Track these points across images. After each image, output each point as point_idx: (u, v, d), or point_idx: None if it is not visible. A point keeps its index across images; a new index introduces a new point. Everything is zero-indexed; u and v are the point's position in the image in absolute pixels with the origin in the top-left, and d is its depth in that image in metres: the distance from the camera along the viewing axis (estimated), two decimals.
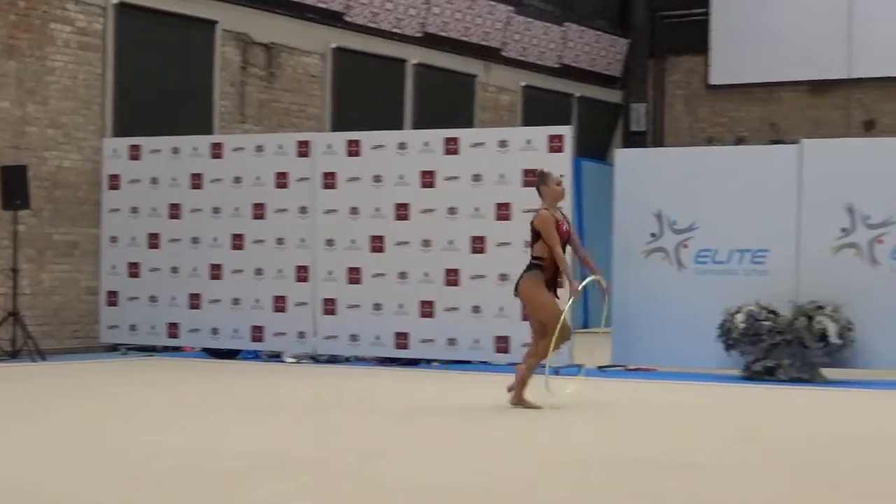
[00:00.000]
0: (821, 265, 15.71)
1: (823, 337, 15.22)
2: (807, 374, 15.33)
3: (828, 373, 15.42)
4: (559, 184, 12.30)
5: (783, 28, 26.44)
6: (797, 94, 26.75)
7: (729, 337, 15.71)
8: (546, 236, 11.92)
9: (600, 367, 16.48)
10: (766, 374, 15.44)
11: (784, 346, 15.41)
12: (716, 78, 27.58)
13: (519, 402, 12.12)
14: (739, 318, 15.62)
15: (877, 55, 25.60)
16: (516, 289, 12.28)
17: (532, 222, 12.15)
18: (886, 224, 15.53)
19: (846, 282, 15.56)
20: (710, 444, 10.12)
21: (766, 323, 15.50)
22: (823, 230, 15.78)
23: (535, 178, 12.56)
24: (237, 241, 17.62)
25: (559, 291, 12.27)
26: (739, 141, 26.41)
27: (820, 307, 15.42)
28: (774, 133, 26.41)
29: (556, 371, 15.87)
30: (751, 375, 15.51)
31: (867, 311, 15.44)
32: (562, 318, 11.92)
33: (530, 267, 12.16)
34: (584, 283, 12.10)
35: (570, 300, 12.17)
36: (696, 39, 27.60)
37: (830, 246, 15.74)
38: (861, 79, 25.90)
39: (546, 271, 12.05)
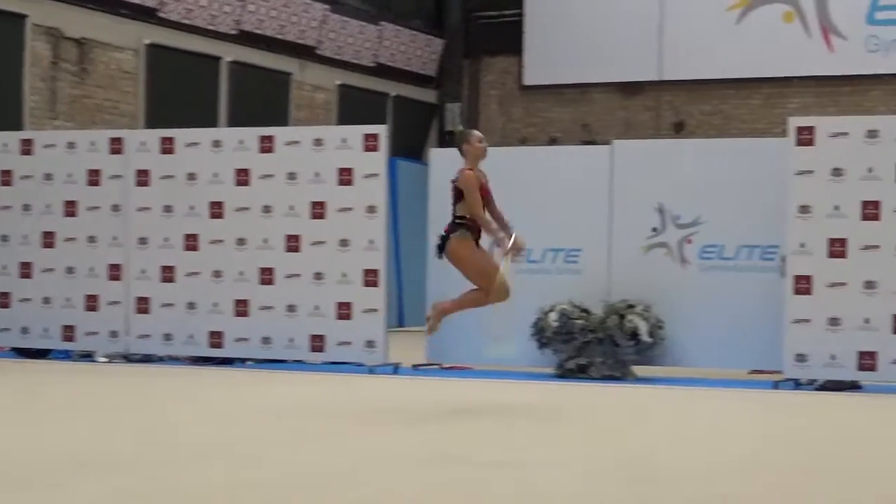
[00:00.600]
0: (632, 264, 15.99)
1: (634, 335, 15.48)
2: (618, 372, 15.58)
3: (639, 370, 15.70)
4: (481, 141, 12.19)
5: (595, 30, 26.83)
6: (609, 96, 27.16)
7: (542, 335, 15.89)
8: (468, 197, 11.83)
9: (415, 366, 16.53)
10: (578, 372, 15.65)
11: (596, 345, 15.64)
12: (529, 79, 27.86)
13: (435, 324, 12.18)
14: (553, 316, 15.80)
15: (686, 57, 26.13)
16: (442, 250, 12.04)
17: (454, 181, 12.04)
18: (695, 224, 15.86)
19: (657, 281, 15.86)
20: (519, 441, 10.22)
21: (579, 321, 15.71)
22: (634, 230, 16.06)
23: (453, 139, 12.37)
24: (48, 239, 17.29)
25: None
26: (552, 141, 26.72)
27: (631, 306, 15.69)
28: (586, 134, 26.78)
29: (371, 370, 15.92)
30: (564, 373, 15.71)
31: (677, 310, 15.76)
32: (499, 276, 11.78)
33: (455, 227, 11.99)
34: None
35: (505, 259, 11.97)
36: (510, 40, 27.85)
37: (641, 245, 16.03)
38: (671, 81, 26.41)
39: (473, 230, 11.93)
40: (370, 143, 16.28)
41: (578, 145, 24.40)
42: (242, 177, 16.64)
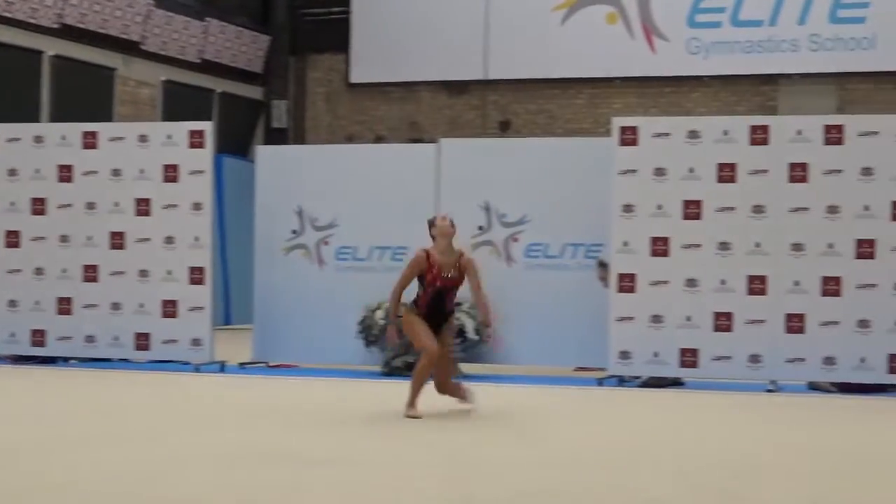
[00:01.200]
0: None
1: (461, 333, 15.57)
2: None
3: (465, 368, 15.78)
4: (444, 219, 11.92)
5: (422, 28, 26.90)
6: (435, 94, 27.27)
7: (369, 333, 15.91)
8: (401, 274, 11.78)
9: (241, 364, 16.43)
10: (405, 370, 15.65)
11: None
12: (356, 76, 27.84)
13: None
14: (379, 314, 15.82)
15: (512, 57, 26.34)
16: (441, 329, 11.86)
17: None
18: (521, 222, 16.03)
19: (483, 278, 15.92)
20: (344, 439, 10.23)
21: None
22: (461, 228, 16.05)
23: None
24: None
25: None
26: (379, 139, 26.75)
27: (458, 304, 15.75)
28: (413, 132, 26.86)
29: (197, 368, 15.77)
30: (390, 371, 15.73)
31: (503, 308, 15.86)
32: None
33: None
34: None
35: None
36: (337, 38, 27.79)
37: (468, 243, 16.12)
38: (497, 80, 26.61)
39: (420, 306, 11.76)
40: (196, 140, 16.14)
41: (405, 143, 24.49)
42: (65, 173, 16.37)
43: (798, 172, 14.51)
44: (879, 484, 8.45)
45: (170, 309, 16.05)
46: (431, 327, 11.67)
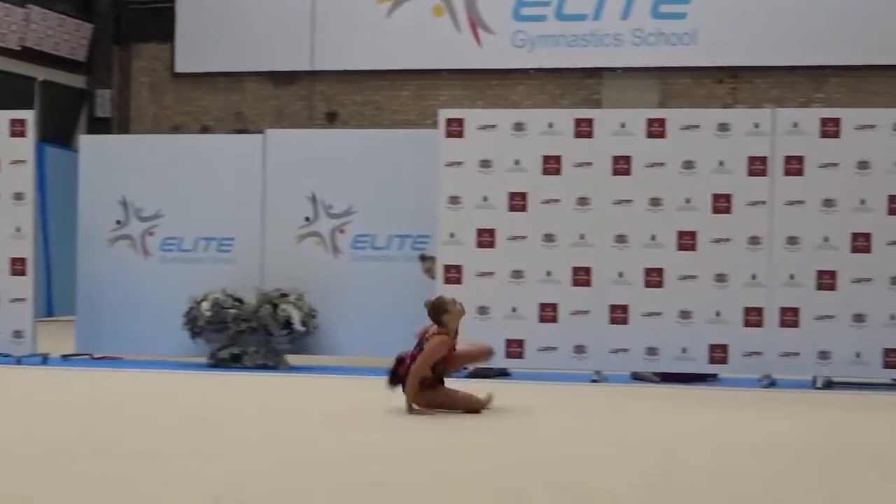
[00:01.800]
0: (285, 253, 16.06)
1: (288, 324, 15.54)
2: (272, 361, 15.61)
3: (292, 359, 15.76)
4: (455, 303, 11.74)
5: (248, 18, 26.67)
6: (261, 85, 27.09)
7: (195, 325, 15.79)
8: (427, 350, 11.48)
9: (64, 356, 16.16)
10: (232, 362, 15.61)
11: (249, 334, 15.65)
12: (181, 66, 27.51)
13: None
14: (205, 305, 15.71)
15: (339, 48, 26.28)
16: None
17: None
18: (348, 214, 16.04)
19: (310, 270, 15.97)
20: (163, 430, 10.15)
21: (232, 311, 15.67)
22: (287, 219, 16.13)
23: (430, 311, 11.71)
24: None
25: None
26: (205, 130, 26.50)
27: (284, 295, 15.75)
28: (239, 123, 26.66)
29: (18, 361, 15.49)
30: (217, 363, 15.64)
31: (330, 299, 15.90)
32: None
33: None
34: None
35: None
36: (162, 26, 27.43)
37: (295, 234, 16.11)
38: (324, 71, 26.53)
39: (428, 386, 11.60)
40: (17, 129, 15.85)
41: (231, 134, 24.31)
42: None
43: (621, 165, 14.74)
44: (696, 468, 8.64)
45: None
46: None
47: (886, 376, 14.47)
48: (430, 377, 11.51)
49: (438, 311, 11.57)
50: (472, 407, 11.45)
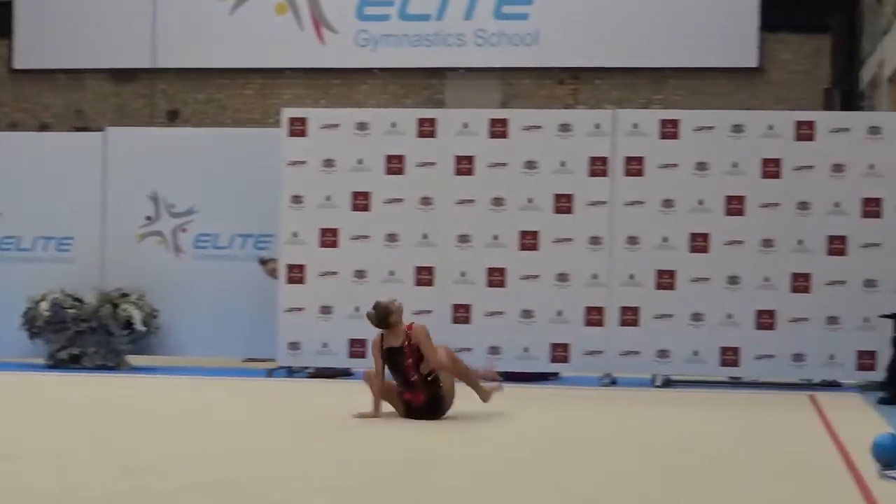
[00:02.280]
0: (126, 253, 15.90)
1: (129, 324, 15.38)
2: (112, 362, 15.44)
3: (133, 360, 15.59)
4: (392, 301, 11.37)
5: (88, 14, 26.26)
6: (102, 82, 26.70)
7: (33, 325, 15.55)
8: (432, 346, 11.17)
9: None
10: (71, 362, 15.40)
11: (89, 334, 15.45)
12: (20, 62, 26.98)
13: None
14: (44, 305, 15.48)
15: (181, 45, 26.01)
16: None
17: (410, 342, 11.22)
18: (190, 213, 15.91)
19: (151, 269, 15.82)
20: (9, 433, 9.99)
21: (71, 311, 15.46)
22: (129, 218, 15.97)
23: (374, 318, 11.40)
24: None
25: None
26: (44, 127, 26.04)
27: (125, 295, 15.57)
28: (80, 120, 26.25)
29: None
30: (56, 364, 15.42)
31: (172, 299, 15.77)
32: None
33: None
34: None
35: None
36: None
37: (136, 234, 15.95)
38: (165, 69, 26.24)
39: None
40: None
41: (71, 132, 23.93)
42: None
43: (464, 165, 14.83)
44: (537, 467, 8.72)
45: None
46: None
47: (723, 374, 14.75)
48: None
49: (384, 316, 11.31)
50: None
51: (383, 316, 11.29)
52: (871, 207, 14.37)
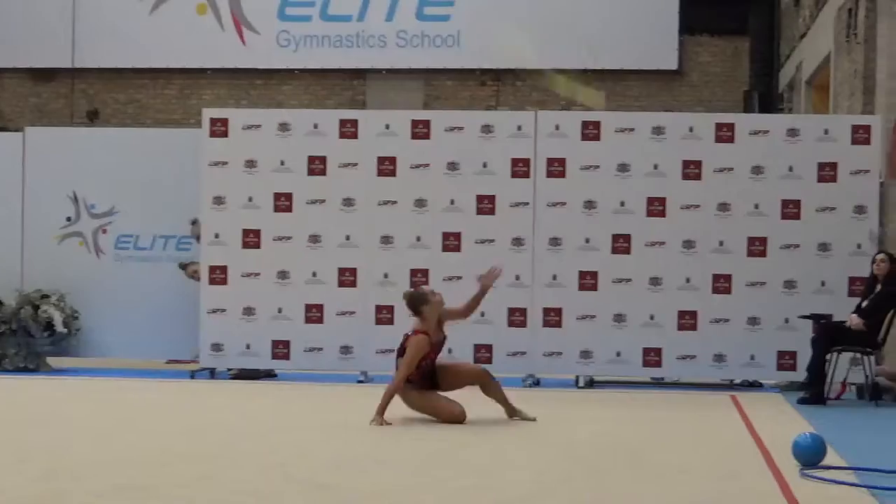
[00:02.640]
0: (46, 254, 15.76)
1: (49, 326, 15.24)
2: (33, 364, 15.29)
3: (54, 361, 15.45)
4: (434, 293, 11.35)
5: (7, 13, 26.02)
6: (20, 81, 26.46)
7: None
8: (405, 365, 11.05)
9: None
10: None
11: (9, 336, 15.31)
12: None
13: None
14: None
15: (101, 45, 25.81)
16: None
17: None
18: (110, 214, 15.80)
19: (72, 271, 15.70)
20: None
21: None
22: (48, 219, 15.83)
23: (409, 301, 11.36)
24: None
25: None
26: None
27: (46, 296, 15.42)
28: None
29: None
30: None
31: (93, 300, 15.65)
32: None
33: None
34: None
35: None
36: None
37: (55, 235, 15.81)
38: (85, 68, 26.03)
39: (415, 382, 11.21)
40: None
41: None
42: None
43: (387, 166, 14.82)
44: (464, 469, 8.73)
45: None
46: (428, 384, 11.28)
47: (646, 375, 14.85)
48: (418, 376, 11.18)
49: (417, 302, 11.30)
50: (452, 418, 11.09)
51: (418, 302, 11.29)
52: (790, 209, 14.51)
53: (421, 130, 14.88)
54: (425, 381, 11.29)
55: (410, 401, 11.27)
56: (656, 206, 14.62)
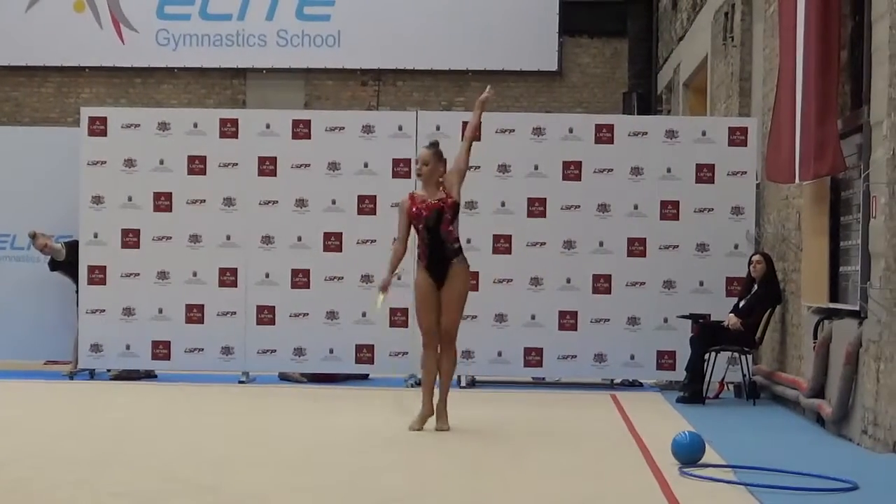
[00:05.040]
0: None
1: None
2: None
3: None
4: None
5: None
6: None
7: None
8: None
9: None
10: None
11: None
12: None
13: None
14: None
15: None
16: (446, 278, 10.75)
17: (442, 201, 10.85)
18: None
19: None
20: None
21: None
22: None
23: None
24: None
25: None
26: None
27: None
28: None
29: None
30: None
31: None
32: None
33: (459, 250, 10.86)
34: None
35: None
36: None
37: None
38: None
39: (422, 258, 10.93)
40: None
41: None
42: None
43: (267, 166, 14.75)
44: (341, 468, 8.72)
45: None
46: (437, 280, 10.83)
47: (527, 374, 14.93)
48: (421, 246, 10.93)
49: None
50: (421, 329, 10.97)
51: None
52: (669, 210, 14.67)
53: (302, 130, 14.84)
54: (432, 261, 10.85)
55: (416, 282, 11.08)
56: (537, 207, 14.71)
